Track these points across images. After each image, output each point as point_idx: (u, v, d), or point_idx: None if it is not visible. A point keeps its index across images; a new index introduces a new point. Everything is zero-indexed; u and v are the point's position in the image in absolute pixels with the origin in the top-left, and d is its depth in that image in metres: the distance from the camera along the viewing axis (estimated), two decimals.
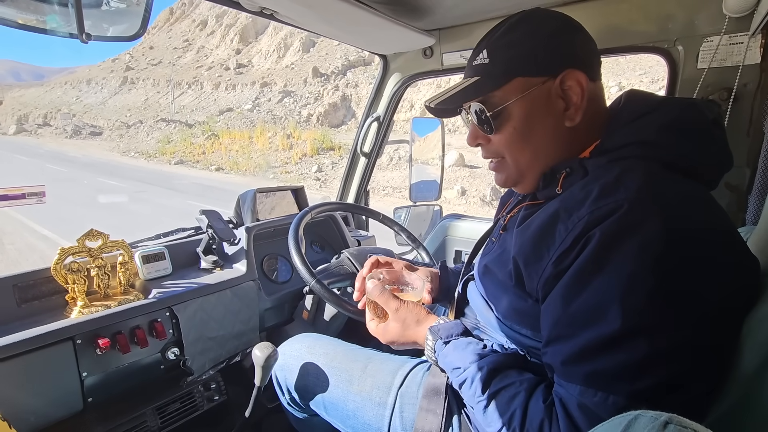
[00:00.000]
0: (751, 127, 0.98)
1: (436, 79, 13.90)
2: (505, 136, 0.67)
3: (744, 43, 0.96)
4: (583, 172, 0.61)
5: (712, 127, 0.59)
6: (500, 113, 0.65)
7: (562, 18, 0.66)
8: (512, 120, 0.65)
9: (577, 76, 0.62)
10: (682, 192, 0.53)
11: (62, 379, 0.88)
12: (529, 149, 0.66)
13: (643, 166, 0.55)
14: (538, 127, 0.65)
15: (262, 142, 19.54)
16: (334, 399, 0.90)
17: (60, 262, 0.98)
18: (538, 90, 0.63)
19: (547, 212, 0.58)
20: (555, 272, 0.54)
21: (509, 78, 0.64)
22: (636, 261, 0.48)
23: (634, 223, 0.49)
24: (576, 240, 0.52)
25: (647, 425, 0.28)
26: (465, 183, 11.03)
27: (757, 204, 0.93)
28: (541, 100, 0.64)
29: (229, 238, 1.27)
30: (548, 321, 0.56)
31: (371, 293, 0.77)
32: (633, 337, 0.47)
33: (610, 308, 0.48)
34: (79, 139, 29.06)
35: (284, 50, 29.55)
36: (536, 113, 0.65)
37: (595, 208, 0.52)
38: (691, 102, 0.62)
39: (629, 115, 0.62)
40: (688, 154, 0.57)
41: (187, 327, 1.07)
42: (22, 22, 0.94)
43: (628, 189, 0.52)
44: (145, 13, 1.00)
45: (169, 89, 32.30)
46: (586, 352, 0.50)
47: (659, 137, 0.58)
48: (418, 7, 1.20)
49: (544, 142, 0.66)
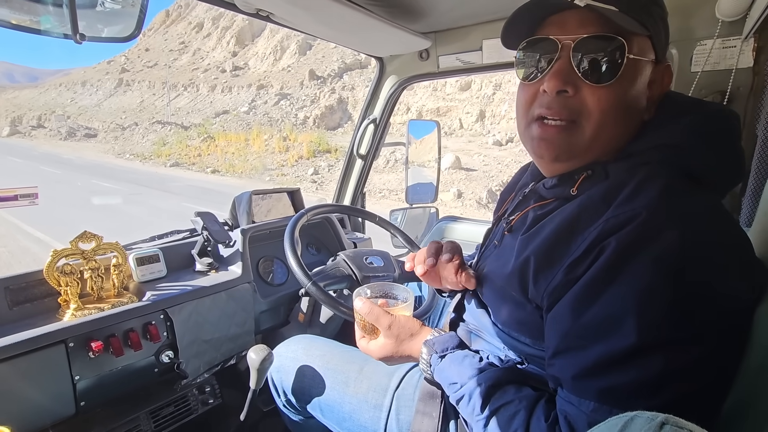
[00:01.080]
0: (744, 129, 0.99)
1: (431, 82, 13.96)
2: (614, 95, 0.56)
3: (737, 46, 0.97)
4: (604, 175, 0.58)
5: (736, 138, 0.58)
6: (632, 65, 0.55)
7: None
8: (630, 81, 0.56)
9: (671, 70, 0.60)
10: (699, 204, 0.52)
11: (54, 383, 0.87)
12: (619, 126, 0.58)
13: (664, 173, 0.53)
14: (637, 104, 0.58)
15: (258, 145, 19.51)
16: (330, 401, 0.90)
17: (53, 265, 0.96)
18: (649, 65, 0.58)
19: (563, 217, 0.56)
20: (565, 280, 0.52)
21: (647, 31, 0.56)
22: (652, 273, 0.47)
23: (651, 234, 0.48)
24: (590, 248, 0.50)
25: (644, 426, 0.28)
26: (461, 185, 11.07)
27: (751, 206, 0.93)
28: (644, 76, 0.58)
29: (224, 240, 1.26)
30: (557, 331, 0.54)
31: (360, 311, 0.72)
32: (650, 352, 0.46)
33: (625, 321, 0.47)
34: (73, 141, 28.90)
35: (281, 53, 29.56)
36: (641, 89, 0.58)
37: (613, 215, 0.50)
38: (722, 110, 0.60)
39: (662, 117, 0.60)
40: (709, 164, 0.55)
41: (181, 330, 1.06)
42: (15, 22, 0.94)
43: (647, 197, 0.50)
44: (140, 15, 0.99)
45: (164, 91, 32.17)
46: (600, 367, 0.48)
47: (683, 141, 0.55)
48: (415, 10, 1.21)
49: (627, 125, 0.59)
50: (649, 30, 0.55)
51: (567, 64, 0.56)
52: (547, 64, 0.58)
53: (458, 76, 1.68)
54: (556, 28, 0.57)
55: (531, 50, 0.61)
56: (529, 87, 0.61)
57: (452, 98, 18.26)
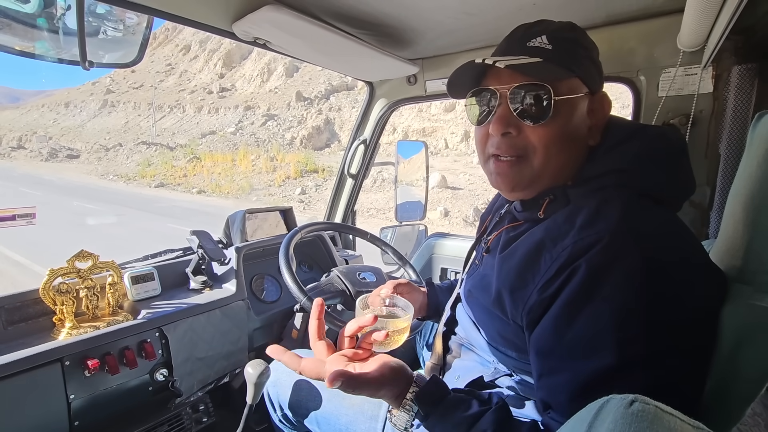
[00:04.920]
0: (708, 149, 1.07)
1: (417, 105, 14.26)
2: (552, 131, 0.62)
3: (697, 74, 1.06)
4: (566, 200, 0.63)
5: (680, 155, 0.64)
6: (563, 104, 0.61)
7: None
8: (566, 116, 0.62)
9: (608, 98, 0.66)
10: (656, 221, 0.57)
11: (49, 402, 0.87)
12: (563, 155, 0.64)
13: (620, 196, 0.58)
14: (578, 134, 0.64)
15: (245, 165, 19.50)
16: (326, 414, 0.91)
17: (49, 284, 0.97)
18: (581, 99, 0.64)
19: (532, 240, 0.60)
20: (539, 299, 0.55)
21: (572, 74, 0.62)
22: (624, 291, 0.50)
23: (616, 255, 0.51)
24: (561, 269, 0.54)
25: (616, 404, 0.32)
26: (448, 204, 11.20)
27: (717, 219, 1.01)
28: (581, 109, 0.64)
29: (219, 258, 1.28)
30: (540, 352, 0.56)
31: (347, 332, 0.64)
32: (632, 367, 0.49)
33: (605, 339, 0.49)
34: (55, 162, 28.38)
35: (268, 75, 29.90)
36: (578, 119, 0.64)
37: (578, 239, 0.54)
38: (662, 131, 0.66)
39: (608, 144, 0.65)
40: (660, 183, 0.61)
41: (176, 347, 1.07)
42: (19, 48, 0.97)
43: (607, 221, 0.54)
44: (142, 41, 1.04)
45: (150, 112, 32.07)
46: (588, 387, 0.50)
47: (633, 166, 0.61)
48: (403, 38, 1.28)
49: (571, 152, 0.64)
50: (575, 72, 0.62)
51: (506, 110, 0.64)
52: (491, 110, 0.66)
53: (444, 99, 1.76)
54: (494, 80, 0.66)
55: (477, 98, 0.69)
56: (481, 129, 0.69)
57: (437, 119, 18.66)
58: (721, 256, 0.66)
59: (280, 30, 1.07)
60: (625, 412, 0.31)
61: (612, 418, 0.31)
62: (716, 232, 1.02)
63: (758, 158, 0.48)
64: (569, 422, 0.39)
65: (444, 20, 1.14)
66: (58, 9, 0.91)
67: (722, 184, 1.00)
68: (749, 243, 0.50)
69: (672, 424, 0.30)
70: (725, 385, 0.48)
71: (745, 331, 0.48)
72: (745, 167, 0.51)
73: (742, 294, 0.51)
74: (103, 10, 0.99)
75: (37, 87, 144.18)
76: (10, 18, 0.88)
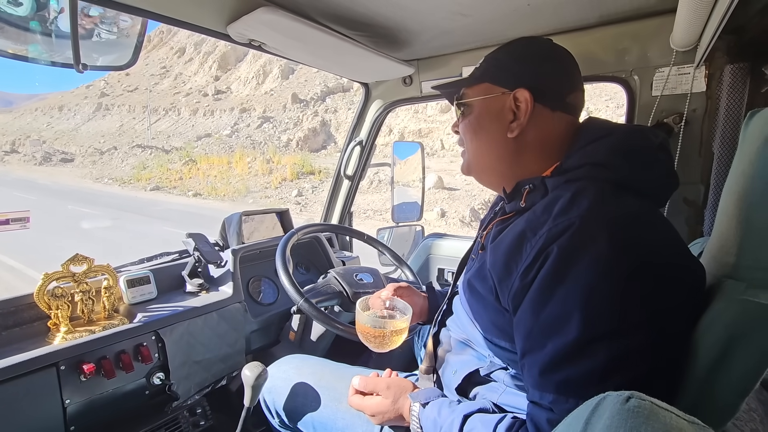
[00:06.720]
0: (702, 147, 1.08)
1: (413, 105, 14.29)
2: (464, 125, 0.81)
3: (690, 73, 1.07)
4: (544, 189, 0.67)
5: (657, 150, 0.67)
6: (467, 105, 0.80)
7: (542, 47, 0.76)
8: (472, 114, 0.79)
9: (526, 95, 0.71)
10: (627, 209, 0.59)
11: (44, 408, 0.86)
12: (477, 142, 0.80)
13: (595, 186, 0.62)
14: (486, 126, 0.77)
15: (241, 167, 19.44)
16: (323, 418, 0.91)
17: (43, 288, 0.96)
18: (496, 98, 0.75)
19: (515, 230, 0.64)
20: (521, 285, 0.59)
21: (480, 81, 0.78)
22: (590, 273, 0.53)
23: (585, 239, 0.55)
24: (537, 255, 0.58)
25: (612, 401, 0.32)
26: (444, 205, 11.21)
27: (712, 217, 1.01)
28: (496, 107, 0.75)
29: (216, 261, 1.27)
30: (521, 333, 0.60)
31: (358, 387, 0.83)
32: (595, 343, 0.52)
33: (572, 317, 0.53)
34: (49, 165, 28.20)
35: (263, 77, 29.87)
36: (489, 115, 0.77)
37: (553, 225, 0.58)
38: (638, 128, 0.70)
39: (585, 139, 0.70)
40: (632, 175, 0.64)
41: (173, 351, 1.07)
42: (12, 51, 0.97)
43: (580, 208, 0.58)
44: (136, 44, 1.04)
45: (145, 115, 31.92)
46: (556, 362, 0.54)
47: (608, 159, 0.64)
48: (399, 40, 1.29)
49: (489, 142, 0.78)
50: (483, 80, 0.78)
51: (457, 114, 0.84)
52: None
53: (440, 100, 1.76)
54: None
55: None
56: None
57: (433, 120, 18.69)
58: (715, 252, 0.66)
59: (274, 31, 1.07)
60: (621, 408, 0.32)
61: (608, 414, 0.32)
62: (710, 230, 1.03)
63: (750, 156, 0.49)
64: (566, 419, 0.39)
65: (439, 21, 1.15)
66: (51, 12, 0.91)
67: (716, 182, 1.01)
68: (742, 240, 0.51)
69: (668, 420, 0.30)
70: (719, 381, 0.49)
71: (738, 327, 0.49)
72: (738, 165, 0.51)
73: (735, 290, 0.51)
74: (96, 13, 0.99)
75: (30, 90, 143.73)
76: (3, 21, 0.87)
